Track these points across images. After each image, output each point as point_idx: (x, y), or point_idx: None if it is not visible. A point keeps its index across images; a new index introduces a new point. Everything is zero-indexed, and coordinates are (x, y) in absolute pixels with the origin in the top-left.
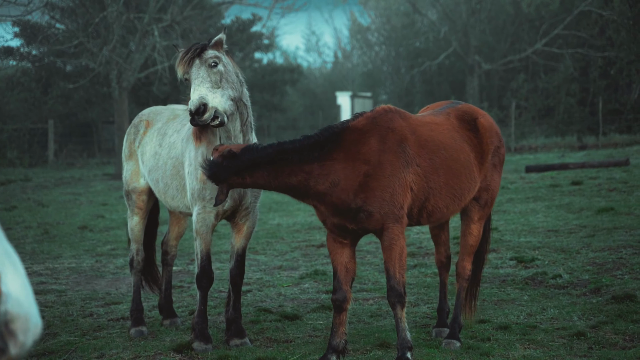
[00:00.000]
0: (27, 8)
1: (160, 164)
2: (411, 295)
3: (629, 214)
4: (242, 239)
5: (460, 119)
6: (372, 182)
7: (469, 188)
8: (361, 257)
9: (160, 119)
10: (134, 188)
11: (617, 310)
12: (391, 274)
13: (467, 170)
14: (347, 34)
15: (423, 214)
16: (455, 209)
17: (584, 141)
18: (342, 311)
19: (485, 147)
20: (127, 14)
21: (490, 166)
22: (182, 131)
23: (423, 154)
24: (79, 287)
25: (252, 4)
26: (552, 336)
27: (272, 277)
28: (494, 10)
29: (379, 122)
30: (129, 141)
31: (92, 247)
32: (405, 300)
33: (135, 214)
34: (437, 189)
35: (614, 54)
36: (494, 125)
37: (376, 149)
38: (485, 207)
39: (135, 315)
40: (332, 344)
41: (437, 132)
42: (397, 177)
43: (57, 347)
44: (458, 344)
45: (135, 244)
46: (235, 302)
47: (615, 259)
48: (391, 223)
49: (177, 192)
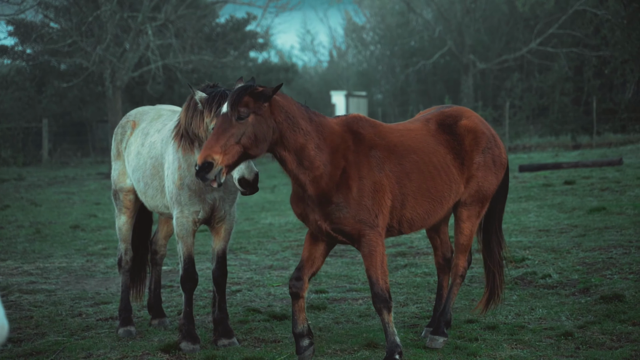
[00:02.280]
0: (20, 7)
1: (141, 163)
2: (400, 295)
3: (621, 213)
4: (221, 242)
5: (440, 123)
6: (350, 181)
7: (448, 189)
8: (352, 256)
9: (145, 119)
10: (121, 188)
11: (605, 310)
12: (374, 280)
13: (443, 172)
14: (342, 33)
15: (403, 222)
16: (437, 212)
17: (578, 140)
18: (299, 298)
19: (466, 147)
20: (120, 13)
21: (477, 166)
22: (162, 131)
23: (393, 159)
24: (68, 286)
25: (246, 3)
26: (539, 336)
27: (262, 277)
28: (488, 10)
29: (351, 126)
30: (117, 141)
31: (83, 247)
32: (391, 305)
33: (123, 213)
34: (412, 194)
35: (609, 53)
36: (479, 127)
37: (352, 149)
38: (474, 206)
39: (123, 315)
40: (296, 332)
41: (408, 137)
42: (372, 180)
43: (45, 347)
44: (441, 339)
45: (123, 244)
46: (220, 302)
47: (605, 259)
48: (368, 229)
49: (156, 192)
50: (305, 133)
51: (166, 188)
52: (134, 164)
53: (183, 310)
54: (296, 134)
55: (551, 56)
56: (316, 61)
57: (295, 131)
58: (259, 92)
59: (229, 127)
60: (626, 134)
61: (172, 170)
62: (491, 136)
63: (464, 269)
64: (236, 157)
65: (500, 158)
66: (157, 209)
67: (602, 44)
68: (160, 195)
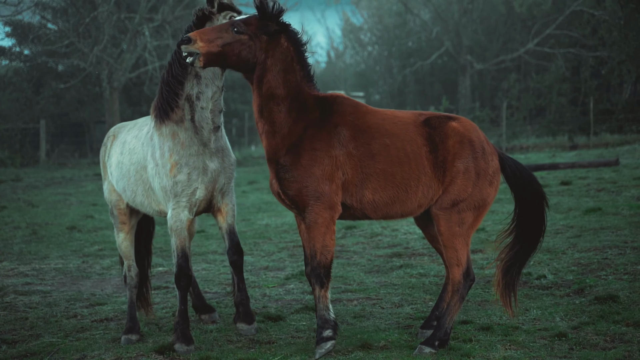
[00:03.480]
0: (17, 8)
1: (124, 171)
2: (395, 296)
3: (616, 214)
4: (227, 218)
5: (430, 118)
6: (301, 150)
7: (416, 179)
8: (347, 257)
9: (123, 131)
10: (113, 204)
11: (599, 311)
12: (312, 254)
13: (413, 161)
14: (339, 33)
15: (364, 203)
16: (405, 201)
17: (575, 141)
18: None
19: (448, 147)
20: (118, 14)
21: (457, 171)
22: (140, 136)
23: (360, 138)
24: (64, 287)
25: (243, 4)
26: (533, 337)
27: (258, 278)
28: (486, 10)
29: (328, 102)
30: (103, 160)
31: (79, 248)
32: (325, 282)
33: (120, 230)
34: (374, 175)
35: (606, 53)
36: (468, 133)
37: (315, 123)
38: (452, 215)
39: (129, 325)
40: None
41: (388, 121)
42: (327, 154)
43: (40, 349)
44: (428, 350)
45: (126, 261)
46: (239, 283)
47: (600, 260)
48: (313, 201)
49: (143, 197)
50: (280, 87)
51: (156, 188)
52: (116, 174)
53: (178, 309)
54: (272, 82)
55: (548, 57)
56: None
57: (273, 80)
58: (265, 23)
59: (224, 31)
60: (623, 134)
61: (162, 163)
62: (480, 147)
63: (459, 283)
64: (214, 57)
65: (486, 173)
66: (149, 215)
67: (599, 44)
68: (147, 201)
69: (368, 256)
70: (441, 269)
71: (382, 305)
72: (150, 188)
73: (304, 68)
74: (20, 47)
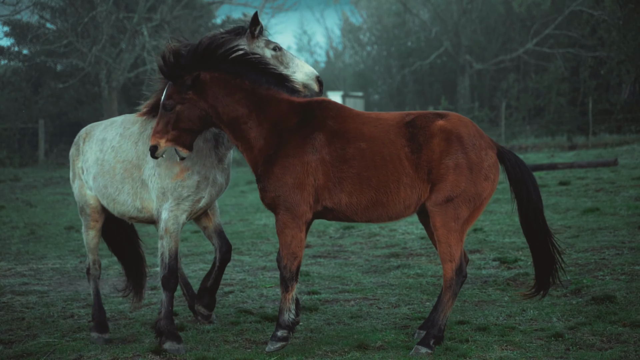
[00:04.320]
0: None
1: (107, 169)
2: (392, 296)
3: (614, 214)
4: (215, 218)
5: (417, 116)
6: (275, 158)
7: (395, 182)
8: (345, 257)
9: (97, 129)
10: (85, 202)
11: (596, 311)
12: (279, 258)
13: (391, 163)
14: (338, 33)
15: (342, 206)
16: (386, 204)
17: (574, 141)
18: None
19: (433, 146)
20: (116, 14)
21: (447, 168)
22: (127, 134)
23: (335, 143)
24: (61, 287)
25: (242, 4)
26: (530, 337)
27: (255, 278)
28: (485, 10)
29: (308, 108)
30: (73, 159)
31: (77, 248)
32: (290, 286)
33: (91, 227)
34: (349, 179)
35: (605, 53)
36: (456, 129)
37: (292, 129)
38: (447, 211)
39: (97, 319)
40: None
41: (368, 125)
42: (300, 160)
43: (36, 349)
44: (424, 350)
45: (92, 256)
46: (218, 276)
47: (597, 260)
48: (281, 210)
49: (128, 196)
50: (237, 109)
51: (151, 187)
52: (94, 171)
53: (164, 310)
54: (226, 110)
55: (547, 57)
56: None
57: (225, 108)
58: (180, 83)
59: (163, 115)
60: (622, 134)
61: (167, 165)
62: (471, 142)
63: (451, 279)
64: (178, 138)
65: (480, 167)
66: (127, 214)
67: (598, 44)
68: (132, 199)
69: (366, 256)
70: (438, 269)
71: (379, 306)
72: (141, 186)
73: (262, 77)
74: (19, 46)
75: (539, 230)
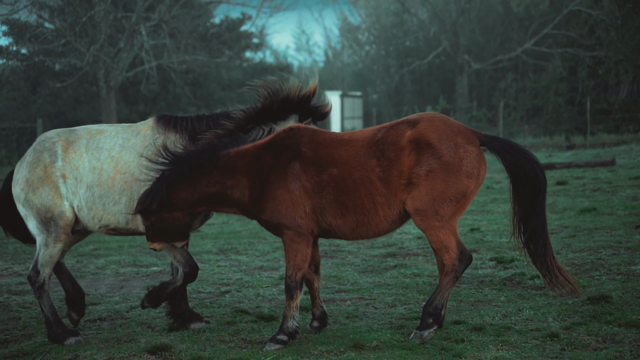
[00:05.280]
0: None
1: (105, 178)
2: (389, 296)
3: (611, 214)
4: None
5: (387, 132)
6: (264, 197)
7: (371, 202)
8: (342, 257)
9: (81, 135)
10: (60, 213)
11: (591, 311)
12: (286, 271)
13: (363, 187)
14: (337, 33)
15: (334, 228)
16: (372, 223)
17: (571, 141)
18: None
19: (404, 159)
20: (114, 13)
21: (418, 176)
22: (131, 146)
23: (311, 171)
24: (57, 287)
25: (240, 3)
26: (525, 337)
27: (252, 278)
28: (483, 10)
29: (274, 141)
30: (43, 165)
31: (73, 247)
32: (294, 295)
33: (60, 240)
34: (329, 205)
35: (603, 53)
36: (424, 136)
37: (270, 166)
38: (430, 215)
39: (62, 329)
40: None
41: (340, 149)
42: (286, 189)
43: (32, 349)
44: (426, 332)
45: (49, 270)
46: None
47: (594, 260)
48: (286, 229)
49: (124, 207)
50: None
51: None
52: (89, 180)
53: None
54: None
55: (546, 56)
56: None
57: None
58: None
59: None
60: (620, 134)
61: None
62: (442, 145)
63: (452, 265)
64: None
65: (458, 166)
66: (112, 225)
67: (596, 44)
68: (126, 210)
69: (363, 256)
70: (435, 269)
71: (376, 306)
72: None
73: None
74: (17, 46)
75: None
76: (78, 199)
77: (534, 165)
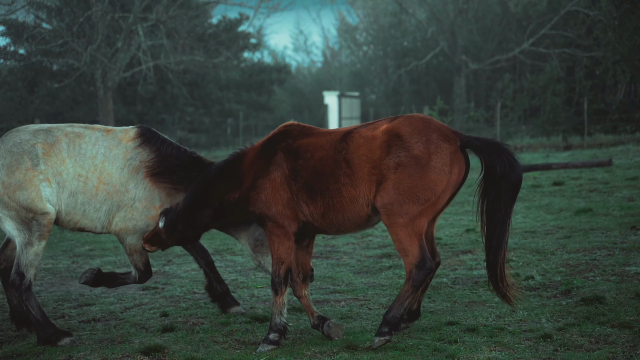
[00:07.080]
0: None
1: (90, 187)
2: (383, 297)
3: (607, 215)
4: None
5: (367, 124)
6: (251, 189)
7: (334, 182)
8: (337, 258)
9: (59, 137)
10: (43, 213)
11: (585, 312)
12: (271, 265)
13: (328, 167)
14: (335, 33)
15: (315, 216)
16: (340, 213)
17: (569, 141)
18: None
19: (375, 150)
20: (112, 13)
21: (387, 168)
22: (113, 157)
23: (291, 157)
24: (53, 288)
25: (237, 4)
26: (518, 338)
27: (247, 279)
28: (481, 10)
29: (269, 141)
30: (24, 169)
31: (70, 248)
32: (280, 290)
33: (44, 238)
34: (300, 191)
35: (601, 54)
36: (397, 129)
37: (261, 166)
38: (396, 211)
39: (53, 330)
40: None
41: (321, 137)
42: (267, 177)
43: (26, 349)
44: (377, 340)
45: (34, 270)
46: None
47: (588, 261)
48: (268, 222)
49: (104, 215)
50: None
51: (127, 217)
52: (73, 187)
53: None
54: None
55: (543, 57)
56: (309, 61)
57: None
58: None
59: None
60: (617, 134)
61: (147, 206)
62: (412, 139)
63: (410, 271)
64: (163, 249)
65: (427, 162)
66: (87, 228)
67: (594, 44)
68: (105, 218)
69: (358, 257)
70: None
71: (370, 306)
72: (117, 208)
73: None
74: (15, 46)
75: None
76: (59, 203)
77: (507, 167)
